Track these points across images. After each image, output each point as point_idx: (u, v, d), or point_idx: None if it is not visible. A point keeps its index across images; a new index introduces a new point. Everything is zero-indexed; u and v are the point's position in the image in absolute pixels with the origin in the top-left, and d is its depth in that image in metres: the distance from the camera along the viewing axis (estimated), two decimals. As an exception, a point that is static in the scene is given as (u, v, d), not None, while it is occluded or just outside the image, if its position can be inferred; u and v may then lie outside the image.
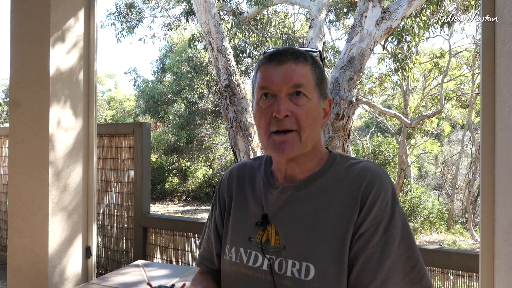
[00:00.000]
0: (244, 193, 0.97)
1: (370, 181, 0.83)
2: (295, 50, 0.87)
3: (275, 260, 0.85)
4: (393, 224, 0.80)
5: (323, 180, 0.87)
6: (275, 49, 0.90)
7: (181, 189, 14.05)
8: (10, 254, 2.37)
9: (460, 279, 2.27)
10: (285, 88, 0.83)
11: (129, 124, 3.92)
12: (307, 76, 0.85)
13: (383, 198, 0.81)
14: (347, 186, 0.84)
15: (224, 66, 4.92)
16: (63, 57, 2.37)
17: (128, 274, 2.07)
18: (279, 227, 0.87)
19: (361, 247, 0.80)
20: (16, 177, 2.35)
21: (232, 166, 1.06)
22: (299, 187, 0.88)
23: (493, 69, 1.45)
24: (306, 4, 6.26)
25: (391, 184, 0.84)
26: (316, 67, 0.88)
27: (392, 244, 0.79)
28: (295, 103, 0.83)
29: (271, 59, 0.86)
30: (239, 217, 0.95)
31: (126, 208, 3.52)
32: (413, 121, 9.61)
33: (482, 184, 1.47)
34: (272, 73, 0.84)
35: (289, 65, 0.84)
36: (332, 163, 0.90)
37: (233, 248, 0.93)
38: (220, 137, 14.97)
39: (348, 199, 0.83)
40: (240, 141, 4.93)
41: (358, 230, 0.80)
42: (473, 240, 9.31)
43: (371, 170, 0.85)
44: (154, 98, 13.92)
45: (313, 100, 0.85)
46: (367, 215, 0.80)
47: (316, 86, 0.86)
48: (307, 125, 0.83)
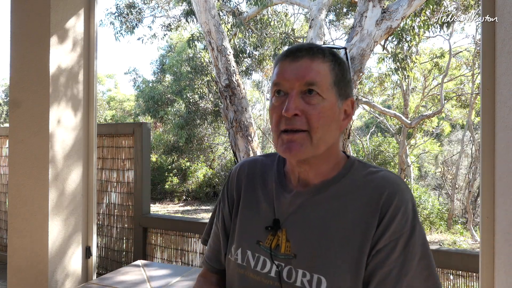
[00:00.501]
0: (255, 191, 0.92)
1: (391, 193, 0.78)
2: (312, 46, 0.82)
3: (284, 268, 0.81)
4: (413, 240, 0.76)
5: (339, 187, 0.83)
6: (295, 44, 0.86)
7: (181, 189, 14.05)
8: (10, 254, 2.37)
9: (460, 279, 2.27)
10: (297, 85, 0.78)
11: (129, 124, 3.92)
12: (322, 73, 0.79)
13: (403, 212, 0.77)
14: (365, 195, 0.79)
15: (224, 66, 4.93)
16: (63, 57, 2.37)
17: (128, 274, 2.07)
18: (291, 233, 0.82)
19: (378, 263, 0.75)
20: (16, 177, 2.35)
21: (243, 160, 1.01)
22: (313, 192, 0.84)
23: (493, 69, 1.45)
24: (306, 4, 6.26)
25: (411, 198, 0.80)
26: (336, 64, 0.82)
27: (411, 260, 0.75)
28: (307, 101, 0.78)
29: (287, 55, 0.82)
30: (247, 217, 0.91)
31: (126, 208, 3.52)
32: (413, 121, 9.62)
33: (482, 184, 1.47)
34: (286, 69, 0.80)
35: (304, 61, 0.79)
36: (349, 168, 0.85)
37: (239, 249, 0.89)
38: (220, 137, 14.97)
39: (366, 208, 0.78)
40: (240, 141, 4.93)
41: (376, 244, 0.76)
42: (473, 240, 9.31)
43: (392, 181, 0.80)
44: (154, 99, 13.93)
45: (328, 99, 0.79)
46: (386, 229, 0.76)
47: (333, 85, 0.80)
48: (319, 126, 0.78)
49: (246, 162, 0.99)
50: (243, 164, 0.99)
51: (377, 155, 13.45)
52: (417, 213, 0.79)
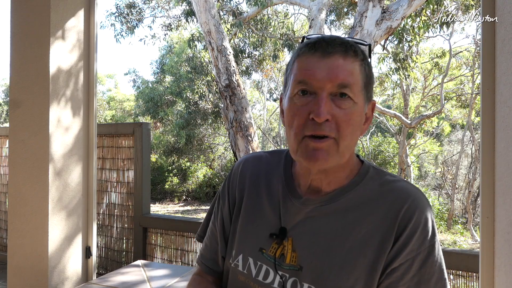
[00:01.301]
0: (259, 192, 0.85)
1: (410, 207, 0.71)
2: (344, 41, 0.72)
3: (288, 279, 0.75)
4: (430, 260, 0.70)
5: (352, 196, 0.76)
6: (319, 35, 0.75)
7: (181, 189, 14.06)
8: (10, 254, 2.37)
9: (460, 279, 2.27)
10: (328, 87, 0.69)
11: (129, 124, 3.92)
12: (355, 74, 0.71)
13: (422, 229, 0.70)
14: (382, 208, 0.73)
15: (224, 66, 4.93)
16: (63, 57, 2.37)
17: (128, 274, 2.07)
18: (297, 243, 0.76)
19: (392, 283, 0.70)
20: (16, 177, 2.35)
21: (246, 156, 0.93)
22: (325, 201, 0.77)
23: (493, 69, 1.45)
24: (306, 4, 6.26)
25: (431, 214, 0.73)
26: (366, 64, 0.74)
27: (427, 282, 0.70)
28: (337, 105, 0.70)
29: (315, 48, 0.71)
30: (250, 220, 0.84)
31: (126, 208, 3.52)
32: (413, 121, 9.62)
33: (482, 184, 1.47)
34: (314, 66, 0.70)
35: (336, 58, 0.70)
36: (364, 176, 0.78)
37: (240, 255, 0.82)
38: (220, 137, 14.98)
39: (381, 223, 0.72)
40: (240, 141, 4.93)
41: (391, 263, 0.70)
42: (473, 240, 9.31)
43: (412, 194, 0.73)
44: (154, 100, 13.94)
45: (358, 104, 0.72)
46: (403, 248, 0.70)
47: (363, 88, 0.73)
48: (348, 133, 0.71)
49: (251, 158, 0.91)
50: (247, 159, 0.91)
51: (377, 155, 13.45)
52: (436, 230, 0.73)
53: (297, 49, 0.75)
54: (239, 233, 0.85)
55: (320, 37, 0.73)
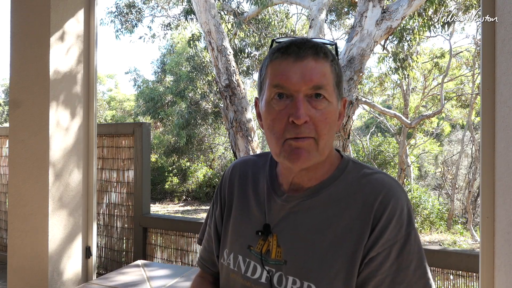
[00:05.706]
0: (246, 193, 0.89)
1: (385, 197, 0.74)
2: (314, 44, 0.75)
3: (275, 273, 0.79)
4: (407, 248, 0.72)
5: (332, 190, 0.79)
6: (289, 39, 0.77)
7: (181, 189, 14.06)
8: (10, 254, 2.37)
9: (460, 279, 2.27)
10: (304, 89, 0.72)
11: (129, 124, 3.92)
12: (327, 75, 0.74)
13: (398, 218, 0.73)
14: (359, 200, 0.76)
15: (224, 66, 4.93)
16: (63, 57, 2.37)
17: (128, 274, 2.07)
18: (281, 239, 0.79)
19: (371, 272, 0.72)
20: (16, 177, 2.35)
21: (235, 161, 0.97)
22: (305, 197, 0.80)
23: (493, 69, 1.45)
24: (306, 4, 6.26)
25: (407, 203, 0.75)
26: (335, 64, 0.77)
27: (405, 269, 0.72)
28: (314, 106, 0.73)
29: (287, 52, 0.74)
30: (239, 220, 0.88)
31: (126, 208, 3.52)
32: (413, 121, 9.62)
33: (482, 184, 1.47)
34: (289, 69, 0.73)
35: (308, 61, 0.73)
36: (343, 170, 0.81)
37: (231, 254, 0.87)
38: (220, 137, 14.98)
39: (359, 215, 0.74)
40: (240, 141, 4.93)
41: (369, 253, 0.73)
42: (473, 240, 9.31)
43: (386, 184, 0.76)
44: (154, 100, 13.94)
45: (333, 103, 0.75)
46: (379, 237, 0.72)
47: (335, 87, 0.76)
48: (326, 132, 0.74)
49: (238, 163, 0.96)
50: (235, 165, 0.96)
51: (377, 155, 13.45)
52: (413, 218, 0.75)
53: (269, 53, 0.78)
54: (230, 233, 0.89)
55: (291, 41, 0.76)
